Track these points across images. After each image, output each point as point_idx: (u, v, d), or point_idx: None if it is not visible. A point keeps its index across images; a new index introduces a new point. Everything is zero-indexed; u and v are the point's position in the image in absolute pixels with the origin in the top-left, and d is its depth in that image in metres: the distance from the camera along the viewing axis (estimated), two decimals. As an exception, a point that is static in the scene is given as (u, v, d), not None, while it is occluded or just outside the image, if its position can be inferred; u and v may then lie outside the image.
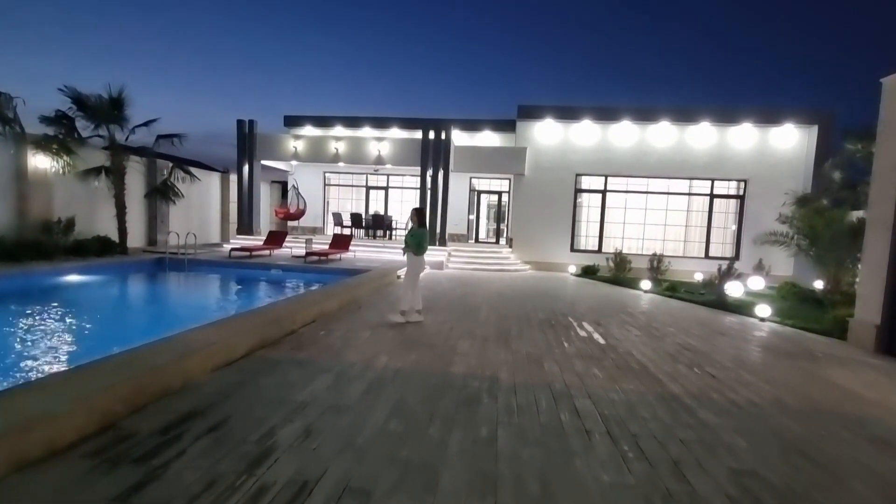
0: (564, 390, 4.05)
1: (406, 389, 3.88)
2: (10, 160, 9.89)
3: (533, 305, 8.58)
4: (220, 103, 76.30)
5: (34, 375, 4.45)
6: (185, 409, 3.26)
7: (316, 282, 10.69)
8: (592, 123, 15.72)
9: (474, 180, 18.96)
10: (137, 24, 68.33)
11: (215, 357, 4.13)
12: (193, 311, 8.21)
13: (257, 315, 5.49)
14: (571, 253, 16.16)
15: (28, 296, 7.84)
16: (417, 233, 6.68)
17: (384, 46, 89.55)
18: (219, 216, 17.95)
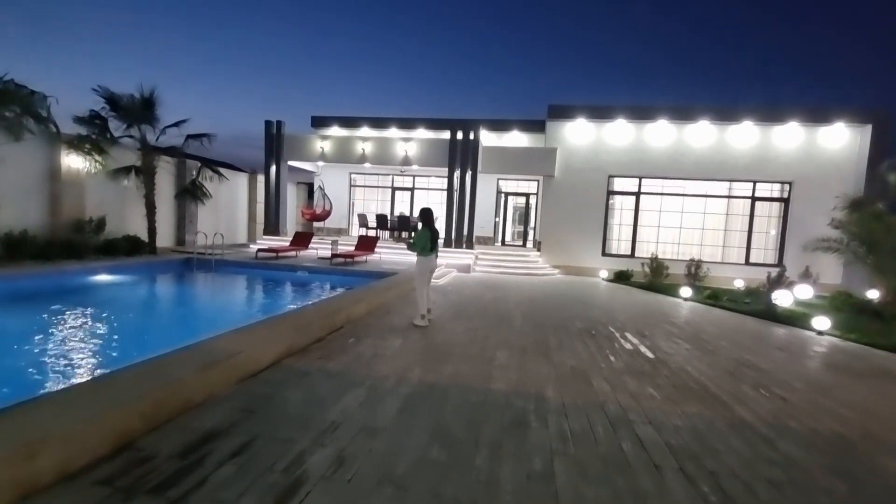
0: (620, 413, 3.63)
1: (445, 409, 3.53)
2: (44, 160, 10.00)
3: (568, 313, 8.12)
4: (247, 105, 77.77)
5: (61, 380, 4.29)
6: (207, 427, 2.99)
7: (342, 284, 10.47)
8: (626, 123, 15.10)
9: (501, 182, 18.55)
10: (167, 24, 70.10)
11: (240, 367, 3.87)
12: (221, 313, 8.08)
13: (284, 321, 5.23)
14: (602, 257, 15.56)
15: (59, 296, 7.83)
16: (422, 233, 6.44)
17: (412, 48, 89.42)
18: (246, 217, 18.02)
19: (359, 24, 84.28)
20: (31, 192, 9.78)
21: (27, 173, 9.64)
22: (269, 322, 5.16)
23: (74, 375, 4.40)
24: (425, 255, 6.44)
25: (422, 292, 6.45)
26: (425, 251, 6.42)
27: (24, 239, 8.84)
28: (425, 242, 6.41)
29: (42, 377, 4.36)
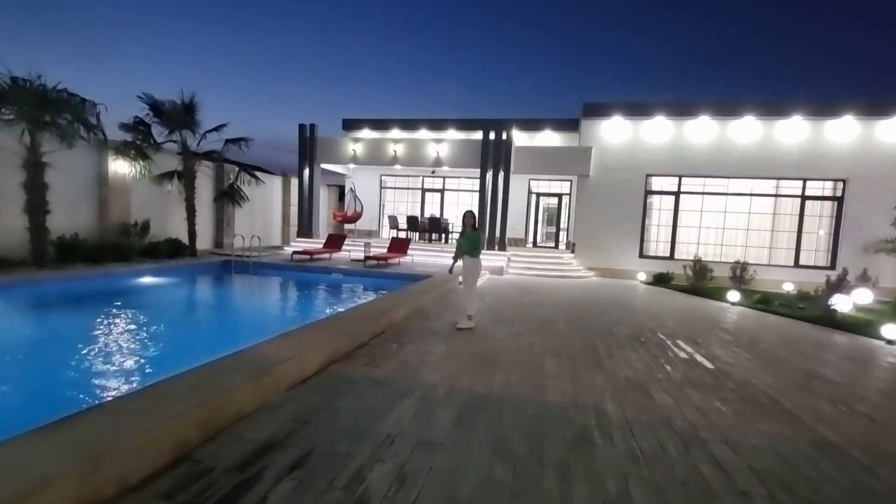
0: (690, 430, 3.37)
1: (501, 421, 3.36)
2: (93, 166, 10.36)
3: (612, 318, 7.81)
4: (277, 110, 79.59)
5: (117, 384, 4.33)
6: (262, 438, 2.91)
7: (376, 286, 10.45)
8: (665, 120, 14.56)
9: (533, 182, 18.25)
10: (202, 31, 72.36)
11: (289, 374, 3.80)
12: (263, 316, 8.16)
13: (328, 326, 5.17)
14: (640, 259, 15.06)
15: (109, 298, 8.06)
16: (472, 235, 6.41)
17: (441, 50, 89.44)
18: (280, 219, 18.33)
19: (388, 28, 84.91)
20: (81, 196, 10.16)
21: (77, 179, 10.02)
22: (313, 327, 5.11)
23: (129, 380, 4.45)
24: (475, 257, 6.44)
25: (470, 294, 6.47)
26: (476, 253, 6.43)
27: (76, 242, 9.17)
28: (478, 245, 6.43)
29: (98, 381, 4.42)
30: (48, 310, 7.28)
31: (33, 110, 7.64)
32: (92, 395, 4.08)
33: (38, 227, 8.35)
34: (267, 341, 4.33)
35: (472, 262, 6.47)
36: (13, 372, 4.66)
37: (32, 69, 7.95)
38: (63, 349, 5.30)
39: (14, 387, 4.28)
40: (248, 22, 76.99)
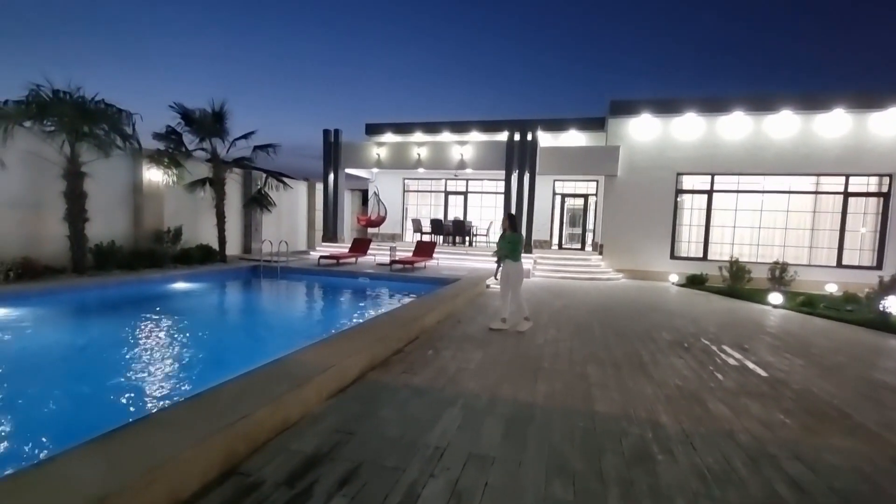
0: (756, 445, 3.15)
1: (552, 434, 3.20)
2: (128, 174, 10.62)
3: (649, 322, 7.54)
4: (298, 116, 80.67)
5: (159, 392, 4.34)
6: (309, 450, 2.83)
7: (403, 290, 10.39)
8: (696, 117, 14.12)
9: (557, 183, 17.98)
10: (226, 41, 74.05)
11: (330, 383, 3.73)
12: (295, 321, 8.17)
13: (363, 332, 5.10)
14: (671, 260, 14.61)
15: (145, 304, 8.20)
16: (512, 238, 6.38)
17: (461, 54, 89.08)
18: (305, 224, 18.50)
19: (406, 32, 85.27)
20: (117, 204, 10.41)
21: (114, 187, 10.27)
22: (349, 333, 5.04)
23: (173, 388, 4.45)
24: (516, 260, 6.39)
25: (516, 298, 6.47)
26: (517, 256, 6.39)
27: (112, 249, 9.38)
28: (518, 248, 6.39)
29: (142, 388, 4.44)
30: (89, 316, 7.44)
31: (73, 121, 7.86)
32: (137, 402, 4.10)
33: (77, 234, 8.57)
34: (305, 349, 4.28)
35: (513, 266, 6.41)
36: (60, 379, 4.73)
37: (72, 82, 8.19)
38: (105, 356, 5.38)
39: (61, 393, 4.34)
40: (270, 30, 78.48)
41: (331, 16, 79.02)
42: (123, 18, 63.34)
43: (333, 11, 78.69)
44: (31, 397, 4.16)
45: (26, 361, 5.07)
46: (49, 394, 4.29)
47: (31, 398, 4.14)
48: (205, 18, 71.46)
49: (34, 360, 5.14)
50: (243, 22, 75.92)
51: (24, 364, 4.97)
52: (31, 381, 4.52)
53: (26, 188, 8.56)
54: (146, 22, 65.90)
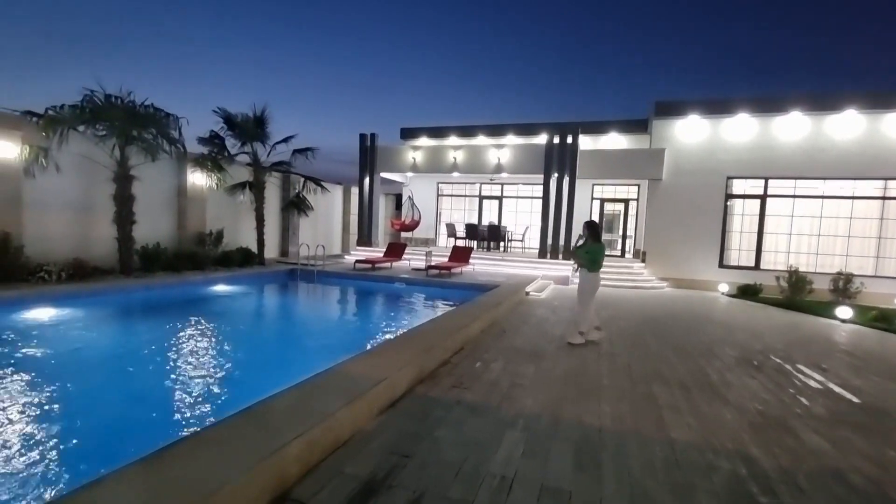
0: (873, 489, 2.72)
1: (630, 464, 2.86)
2: (173, 177, 10.84)
3: (707, 335, 7.02)
4: (333, 121, 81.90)
5: (202, 399, 4.24)
6: (364, 474, 2.60)
7: (441, 296, 10.16)
8: (749, 118, 13.34)
9: (596, 187, 17.38)
10: (266, 46, 76.14)
11: (380, 397, 3.50)
12: (336, 327, 8.06)
13: (409, 342, 4.88)
14: (720, 269, 13.82)
15: (188, 306, 8.28)
16: (592, 248, 6.03)
17: (490, 60, 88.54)
18: (340, 228, 18.60)
19: (441, 37, 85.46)
20: (163, 207, 10.64)
21: (159, 190, 10.50)
22: (395, 343, 4.83)
23: (217, 399, 4.34)
24: (595, 270, 6.09)
25: (588, 310, 6.13)
26: (596, 266, 6.07)
27: (157, 251, 9.55)
28: (596, 258, 6.05)
29: (188, 395, 4.35)
30: (135, 319, 7.54)
31: (123, 125, 8.03)
32: (181, 412, 3.98)
33: (125, 236, 8.75)
34: (352, 360, 4.08)
35: (586, 276, 6.14)
36: (102, 386, 4.70)
37: (123, 87, 8.39)
38: (149, 361, 5.35)
39: (108, 398, 4.29)
40: (305, 37, 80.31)
41: (363, 22, 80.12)
42: (168, 26, 66.12)
43: (367, 19, 79.80)
44: (74, 404, 4.12)
45: (70, 367, 5.08)
46: (91, 402, 4.25)
47: (74, 405, 4.10)
48: (243, 26, 73.78)
49: (78, 365, 5.16)
50: (280, 30, 77.98)
51: (68, 368, 4.99)
52: (74, 386, 4.51)
53: (78, 191, 8.82)
54: (189, 29, 68.56)
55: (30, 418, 3.65)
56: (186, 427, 3.59)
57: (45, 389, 4.20)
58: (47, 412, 3.78)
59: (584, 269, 6.15)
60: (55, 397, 4.06)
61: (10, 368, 4.63)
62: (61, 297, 7.15)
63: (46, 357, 5.13)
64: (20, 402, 3.94)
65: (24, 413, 3.73)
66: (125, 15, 62.68)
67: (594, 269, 6.08)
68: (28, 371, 4.61)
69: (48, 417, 3.68)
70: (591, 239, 6.13)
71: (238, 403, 3.10)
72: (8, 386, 4.23)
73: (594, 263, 6.06)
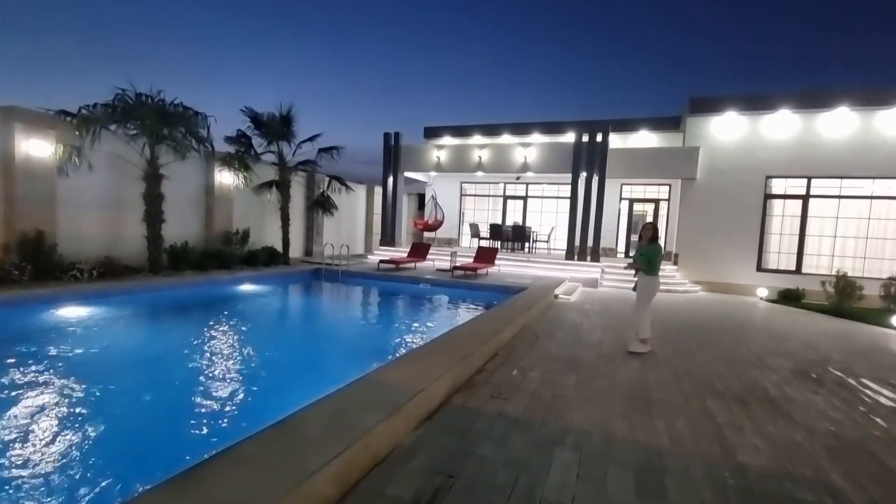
0: None
1: (700, 493, 2.57)
2: (201, 176, 10.89)
3: (755, 344, 6.60)
4: (352, 121, 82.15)
5: (228, 412, 4.10)
6: (406, 496, 2.38)
7: (467, 298, 9.92)
8: (791, 114, 12.69)
9: (625, 187, 16.87)
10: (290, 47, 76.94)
11: (417, 409, 3.28)
12: (363, 329, 7.90)
13: (442, 348, 4.65)
14: (757, 273, 13.20)
15: (216, 306, 8.24)
16: (647, 250, 5.72)
17: (516, 56, 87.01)
18: (363, 228, 18.54)
19: (463, 37, 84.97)
20: (191, 206, 10.69)
21: (187, 189, 10.55)
22: (428, 350, 4.61)
23: (248, 407, 4.20)
24: (652, 273, 5.76)
25: (646, 315, 5.81)
26: (653, 269, 5.75)
27: (185, 250, 9.58)
28: (652, 260, 5.73)
29: (214, 405, 4.22)
30: (164, 318, 7.53)
31: (153, 124, 8.04)
32: (210, 422, 3.85)
33: (154, 235, 8.79)
34: (386, 368, 3.89)
35: (644, 280, 5.82)
36: (133, 388, 4.61)
37: (153, 86, 8.42)
38: (177, 364, 5.27)
39: (136, 404, 4.20)
40: (328, 39, 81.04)
41: (382, 25, 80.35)
42: (197, 27, 67.49)
43: (386, 21, 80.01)
44: (102, 408, 4.03)
45: (99, 369, 5.02)
46: (119, 407, 4.15)
47: (102, 409, 4.01)
48: (268, 26, 74.75)
49: (107, 367, 5.11)
50: (304, 30, 78.81)
51: (96, 370, 4.93)
52: (102, 390, 4.43)
53: (109, 190, 8.90)
54: (217, 30, 69.78)
55: (57, 423, 3.56)
56: (216, 437, 3.45)
57: (74, 392, 4.13)
58: (74, 416, 3.69)
59: (641, 273, 5.83)
60: (83, 400, 3.99)
61: (40, 367, 4.60)
62: (92, 296, 7.18)
63: (75, 357, 5.08)
64: (49, 403, 3.86)
65: (51, 417, 3.65)
66: (158, 20, 64.29)
67: (651, 271, 5.73)
68: (57, 372, 4.56)
69: (75, 422, 3.59)
70: (647, 240, 5.81)
71: (270, 412, 2.94)
72: (37, 387, 4.18)
73: (651, 266, 5.70)
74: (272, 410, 2.96)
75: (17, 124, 7.42)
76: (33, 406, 3.78)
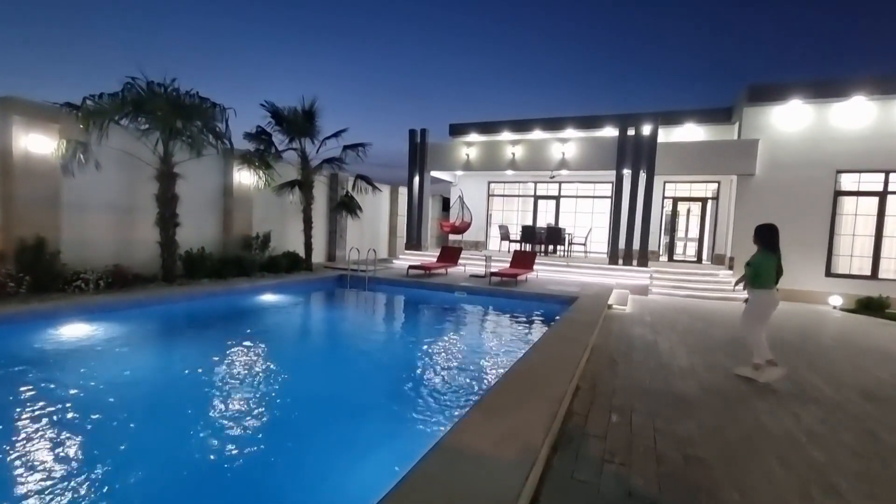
0: None
1: None
2: (219, 176, 10.08)
3: (880, 370, 5.43)
4: (374, 122, 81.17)
5: (249, 459, 3.14)
6: None
7: (510, 308, 8.90)
8: (866, 101, 11.37)
9: (668, 185, 15.62)
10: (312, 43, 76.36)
11: (527, 490, 2.27)
12: (405, 350, 6.74)
13: (523, 386, 3.64)
14: (826, 278, 11.89)
15: (236, 320, 7.38)
16: (757, 259, 4.72)
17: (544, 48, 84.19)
18: (387, 230, 17.65)
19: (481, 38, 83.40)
20: (208, 208, 9.88)
21: (204, 190, 9.75)
22: (507, 389, 3.58)
23: (279, 450, 3.25)
24: (760, 287, 4.74)
25: (760, 335, 4.78)
26: (769, 283, 4.73)
27: (202, 257, 8.76)
28: (770, 272, 4.71)
29: (243, 446, 3.26)
30: (179, 335, 6.65)
31: (167, 116, 7.20)
32: (240, 469, 2.89)
33: (168, 240, 7.99)
34: (463, 426, 2.86)
35: (752, 294, 4.83)
36: (141, 427, 3.69)
37: (167, 74, 7.59)
38: (196, 392, 4.37)
39: (142, 447, 3.27)
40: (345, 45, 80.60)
41: (403, 26, 79.46)
42: (217, 19, 66.77)
43: (404, 21, 79.18)
44: (104, 451, 3.11)
45: (102, 401, 4.12)
46: (121, 450, 3.23)
47: (104, 452, 3.08)
48: (289, 20, 74.13)
49: (112, 399, 4.20)
50: (323, 39, 78.47)
51: (99, 402, 4.03)
52: (105, 430, 3.52)
53: (119, 191, 8.11)
54: (237, 22, 68.98)
55: (50, 467, 2.65)
56: None
57: (72, 431, 3.25)
58: (71, 460, 2.78)
59: (749, 287, 4.81)
60: (82, 442, 3.10)
61: (33, 403, 3.73)
62: (98, 310, 6.35)
63: (75, 386, 4.21)
64: (39, 445, 2.97)
65: (42, 461, 2.74)
66: (173, 5, 63.00)
67: (756, 284, 4.73)
68: (53, 406, 3.69)
69: (72, 469, 2.68)
70: (760, 248, 4.79)
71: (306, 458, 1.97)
72: (28, 425, 3.29)
73: (757, 278, 4.70)
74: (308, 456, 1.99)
75: (16, 117, 6.65)
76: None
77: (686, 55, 79.00)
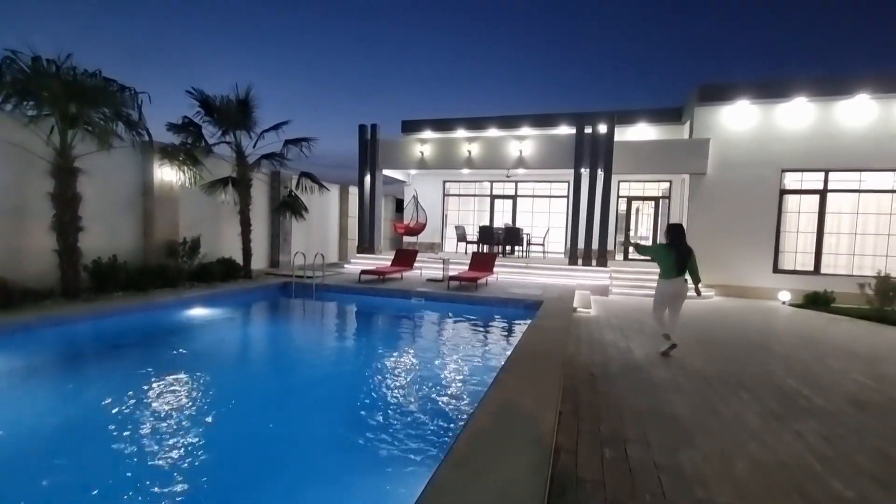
0: None
1: None
2: (135, 172, 8.75)
3: (835, 367, 5.26)
4: (318, 119, 77.68)
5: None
6: None
7: (471, 315, 8.30)
8: (808, 102, 11.75)
9: (622, 184, 15.67)
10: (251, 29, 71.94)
11: None
12: (360, 366, 5.96)
13: (501, 419, 2.98)
14: (774, 275, 12.20)
15: (156, 341, 6.25)
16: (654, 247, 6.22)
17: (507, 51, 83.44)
18: (337, 233, 16.57)
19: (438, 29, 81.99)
20: (122, 210, 8.53)
21: (117, 189, 8.41)
22: (482, 422, 2.90)
23: None
24: (664, 278, 5.74)
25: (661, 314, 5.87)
26: (665, 273, 5.70)
27: (114, 266, 7.47)
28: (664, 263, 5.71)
29: None
30: (80, 365, 5.47)
31: (57, 99, 5.96)
32: None
33: (68, 248, 6.69)
34: (443, 472, 2.16)
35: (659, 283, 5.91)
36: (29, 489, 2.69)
37: (62, 51, 6.30)
38: (99, 437, 3.37)
39: None
40: (286, 30, 76.76)
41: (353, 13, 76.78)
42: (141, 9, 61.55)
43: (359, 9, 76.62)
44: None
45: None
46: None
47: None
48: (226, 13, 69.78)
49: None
50: (262, 25, 74.55)
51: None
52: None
53: (3, 189, 6.70)
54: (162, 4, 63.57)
55: None
56: None
57: None
58: None
59: None
60: None
61: None
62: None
63: None
64: None
65: None
66: None
67: (665, 274, 5.73)
68: None
69: None
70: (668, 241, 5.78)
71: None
72: None
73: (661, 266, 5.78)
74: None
75: None
76: None
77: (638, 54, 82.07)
